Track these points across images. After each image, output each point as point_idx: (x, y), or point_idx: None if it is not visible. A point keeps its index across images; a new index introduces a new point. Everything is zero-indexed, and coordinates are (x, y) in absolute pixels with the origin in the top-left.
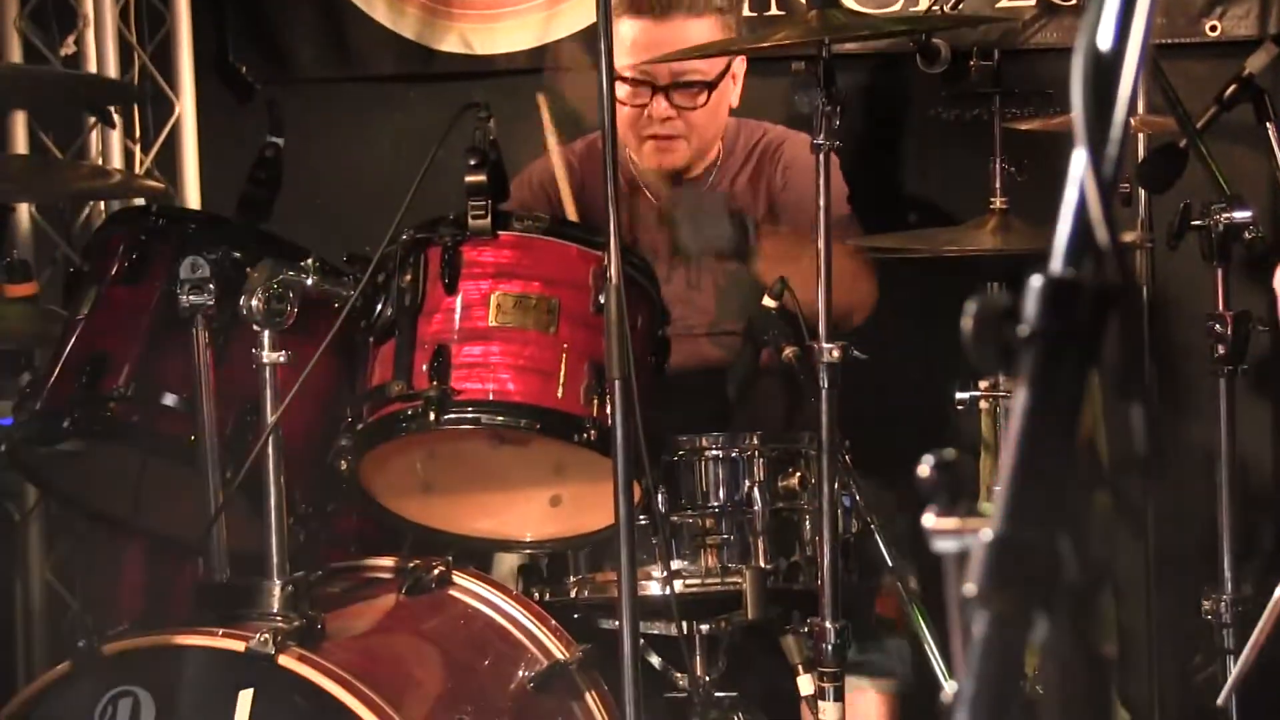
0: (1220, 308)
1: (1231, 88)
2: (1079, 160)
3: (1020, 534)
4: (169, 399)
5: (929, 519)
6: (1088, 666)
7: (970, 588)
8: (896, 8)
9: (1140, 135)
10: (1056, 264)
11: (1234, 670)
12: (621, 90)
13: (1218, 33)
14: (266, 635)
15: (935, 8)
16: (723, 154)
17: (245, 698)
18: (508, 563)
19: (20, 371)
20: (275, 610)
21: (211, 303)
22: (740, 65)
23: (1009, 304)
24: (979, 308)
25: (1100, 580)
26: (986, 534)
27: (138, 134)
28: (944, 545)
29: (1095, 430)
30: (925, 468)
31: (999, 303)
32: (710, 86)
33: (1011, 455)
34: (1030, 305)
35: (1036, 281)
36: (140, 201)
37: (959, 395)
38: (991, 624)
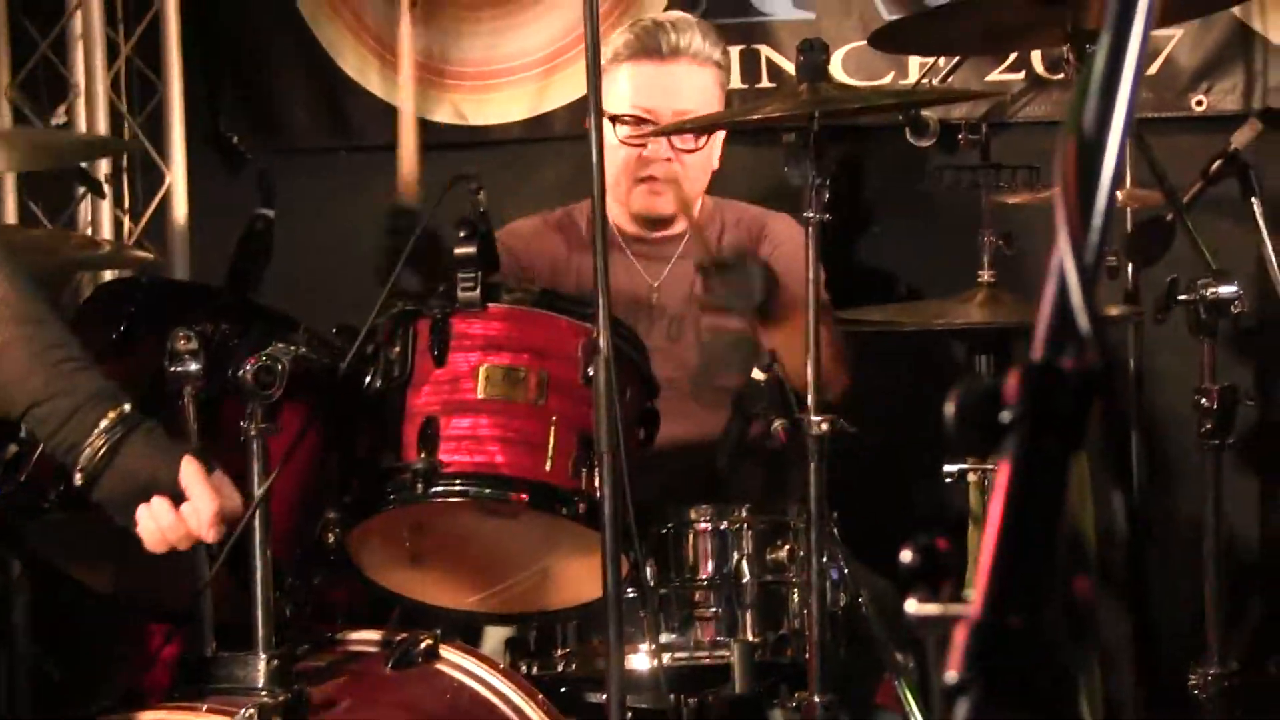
0: (1207, 382)
1: (1217, 163)
2: (1061, 246)
3: (1001, 620)
4: None
5: (911, 604)
6: None
7: (951, 674)
8: (886, 80)
9: (1127, 209)
10: (1039, 350)
11: None
12: (622, 130)
13: (1204, 107)
14: (252, 711)
15: (924, 81)
16: (702, 216)
17: None
18: (495, 635)
19: (6, 441)
20: (260, 685)
21: (200, 374)
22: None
23: (992, 389)
24: (962, 393)
25: (1083, 667)
26: (968, 620)
27: (127, 203)
28: (927, 631)
29: (1080, 514)
30: (908, 553)
31: (982, 388)
32: (708, 131)
33: (993, 541)
34: (1013, 391)
35: (1019, 368)
36: (130, 272)
37: (947, 468)
38: (973, 712)
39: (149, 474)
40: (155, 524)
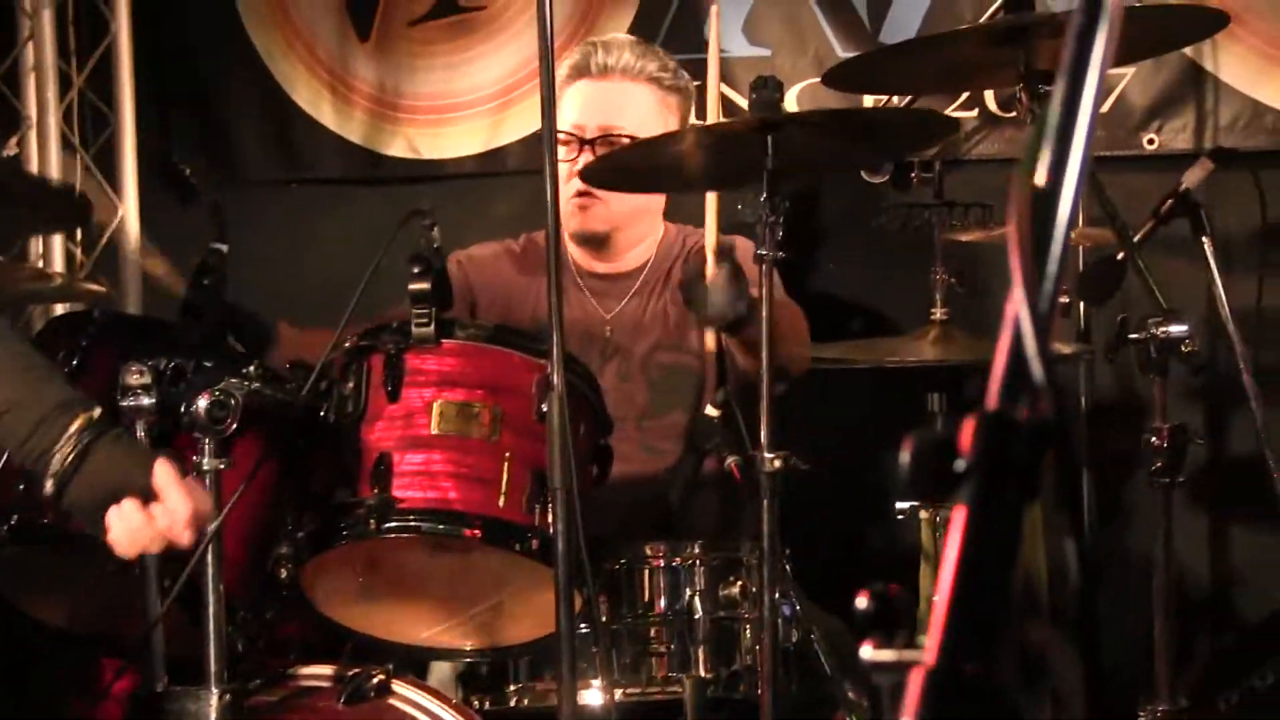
0: (1157, 420)
1: (1168, 202)
2: (1016, 297)
3: (956, 668)
4: None
5: (867, 650)
6: None
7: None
8: None
9: (1079, 247)
10: (993, 399)
11: None
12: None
13: (1155, 146)
14: None
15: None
16: (656, 257)
17: None
18: (448, 670)
19: None
20: (213, 719)
21: (153, 408)
22: None
23: (946, 438)
24: (916, 441)
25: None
26: (923, 667)
27: (79, 236)
28: (881, 678)
29: (1033, 553)
30: (863, 600)
31: (936, 437)
32: (635, 145)
33: (949, 589)
34: (967, 440)
35: (974, 417)
36: (81, 305)
37: (899, 505)
38: None
39: (120, 478)
40: (126, 526)
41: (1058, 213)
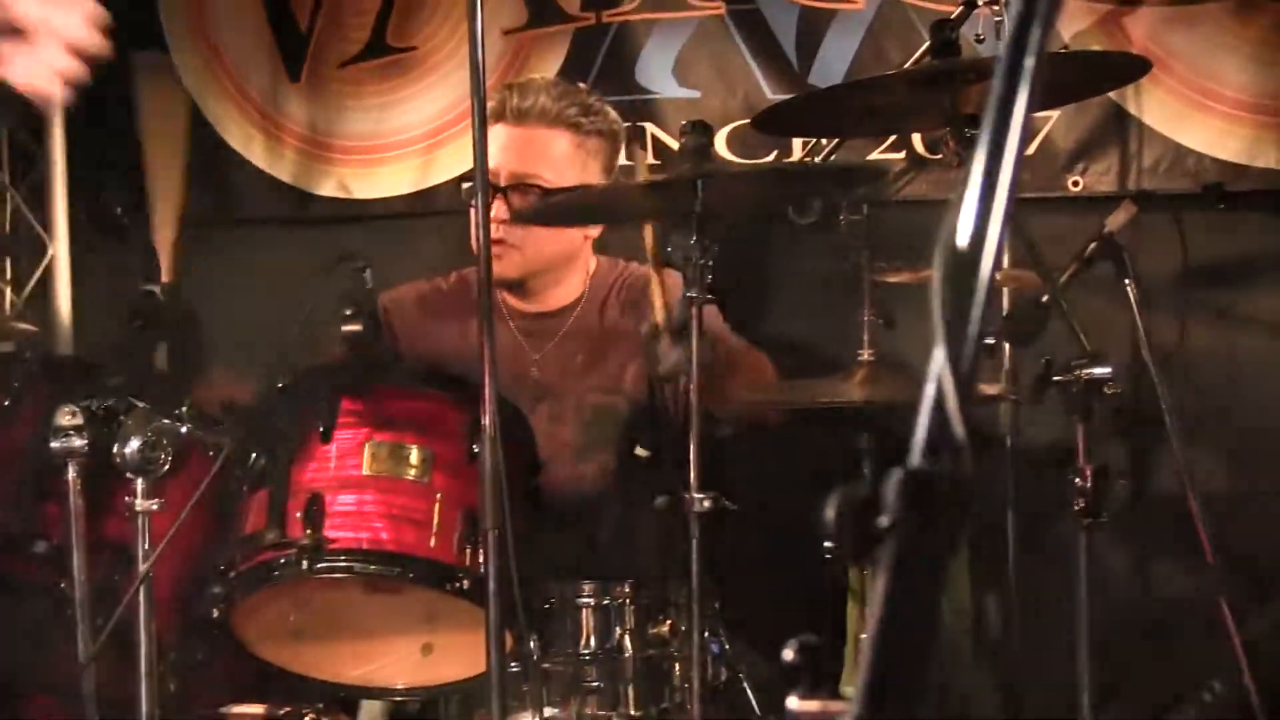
0: (1081, 460)
1: (1092, 245)
2: (938, 356)
3: (879, 718)
4: (39, 546)
5: (793, 701)
6: None
7: None
8: (769, 159)
9: (1004, 289)
10: (915, 457)
11: None
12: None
13: (1080, 188)
14: None
15: (807, 160)
16: (589, 293)
17: None
18: (379, 709)
19: None
20: None
21: (85, 449)
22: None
23: (870, 496)
24: (841, 499)
25: None
26: (846, 717)
27: (9, 274)
28: None
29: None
30: (789, 652)
31: (860, 495)
32: (547, 193)
33: (871, 641)
34: (889, 497)
35: (896, 475)
36: (11, 345)
37: (828, 544)
38: None
39: None
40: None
41: (979, 275)
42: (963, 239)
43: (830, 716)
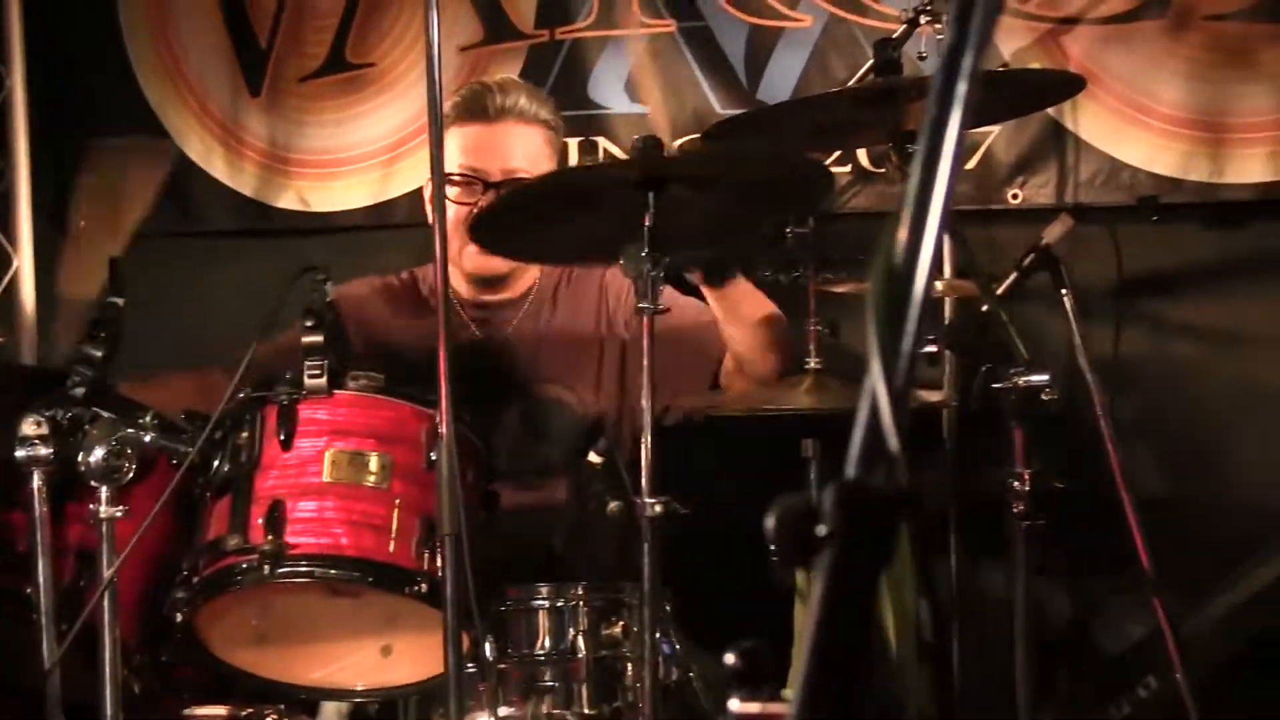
0: (1019, 465)
1: (1030, 256)
2: (873, 371)
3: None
4: (4, 553)
5: (734, 704)
6: None
7: None
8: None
9: (946, 299)
10: (852, 469)
11: None
12: (453, 190)
13: (1019, 200)
14: None
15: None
16: (540, 284)
17: None
18: (339, 709)
19: None
20: None
21: (50, 458)
22: None
23: (808, 506)
24: (781, 510)
25: None
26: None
27: None
28: None
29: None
30: (730, 656)
31: (799, 505)
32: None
33: (808, 646)
34: (827, 508)
35: (833, 487)
36: None
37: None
38: None
39: None
40: None
41: (912, 293)
42: (897, 256)
43: (771, 718)
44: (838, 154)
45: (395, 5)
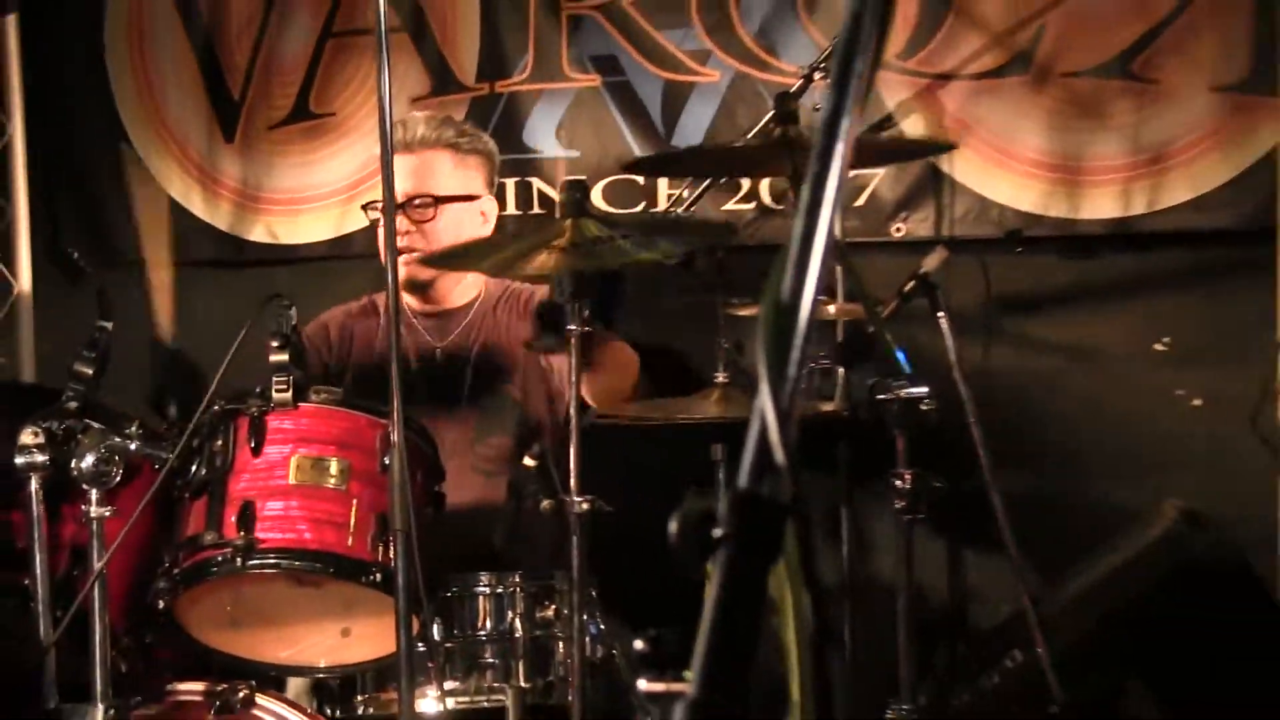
0: (902, 467)
1: (911, 283)
2: (762, 393)
3: (711, 698)
4: (5, 550)
5: (643, 683)
6: None
7: None
8: (639, 208)
9: (838, 320)
10: (744, 479)
11: None
12: (374, 214)
13: (901, 234)
14: None
15: (672, 210)
16: (484, 295)
17: None
18: (304, 684)
19: None
20: None
21: (46, 464)
22: (490, 205)
23: (706, 512)
24: (682, 515)
25: None
26: (685, 697)
27: None
28: (655, 705)
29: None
30: (639, 642)
31: (698, 511)
32: (438, 201)
33: (705, 633)
34: (722, 513)
35: (727, 495)
36: None
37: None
38: None
39: None
40: None
41: (797, 325)
42: (784, 293)
43: (674, 695)
44: (744, 191)
45: (353, 61)
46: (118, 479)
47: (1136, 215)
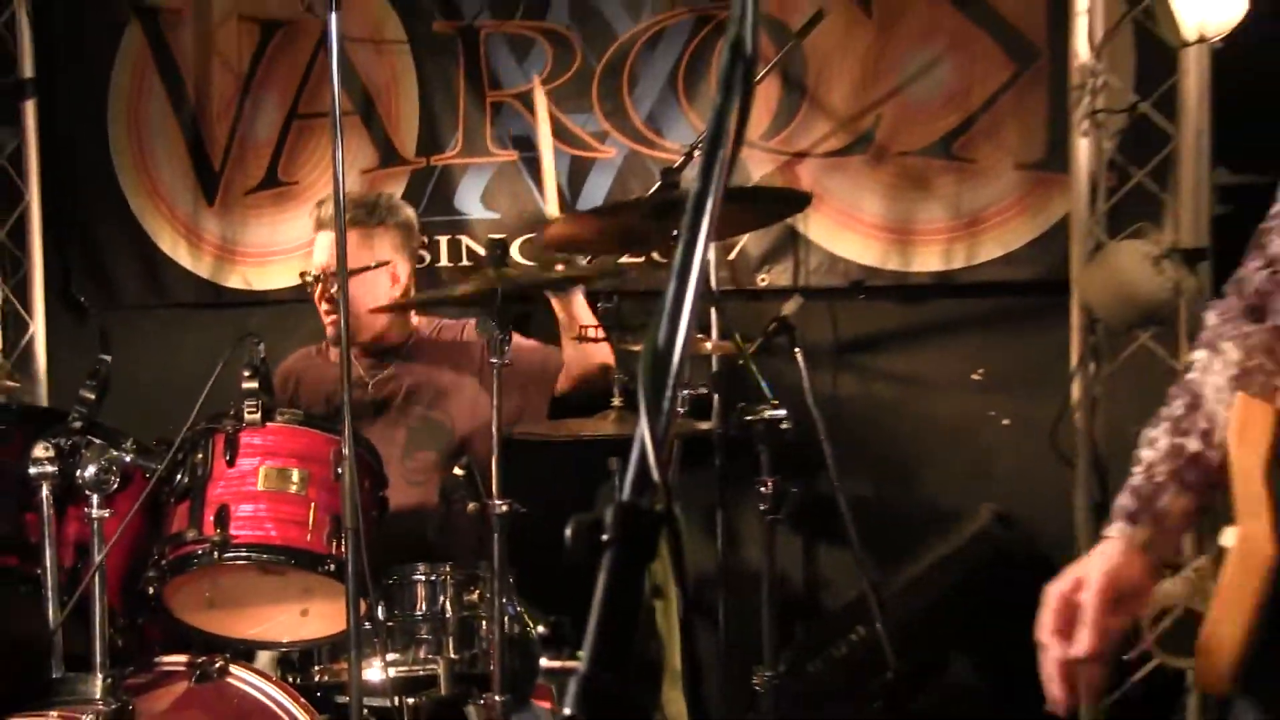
0: (766, 475)
1: (773, 324)
2: (641, 424)
3: (598, 673)
4: (20, 545)
5: (544, 660)
6: None
7: (568, 708)
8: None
9: (713, 355)
10: (626, 493)
11: None
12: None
13: (765, 283)
14: (89, 717)
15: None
16: (415, 334)
17: None
18: (265, 656)
19: None
20: (98, 696)
21: (55, 474)
22: (403, 267)
23: (595, 520)
24: (574, 524)
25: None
26: (578, 672)
27: (0, 346)
28: (554, 679)
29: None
30: (542, 627)
31: (589, 520)
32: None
33: (593, 622)
34: (608, 521)
35: (611, 507)
36: (2, 397)
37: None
38: None
39: None
40: None
41: (670, 368)
42: (659, 341)
43: (569, 671)
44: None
45: (314, 138)
46: (115, 486)
47: (957, 269)
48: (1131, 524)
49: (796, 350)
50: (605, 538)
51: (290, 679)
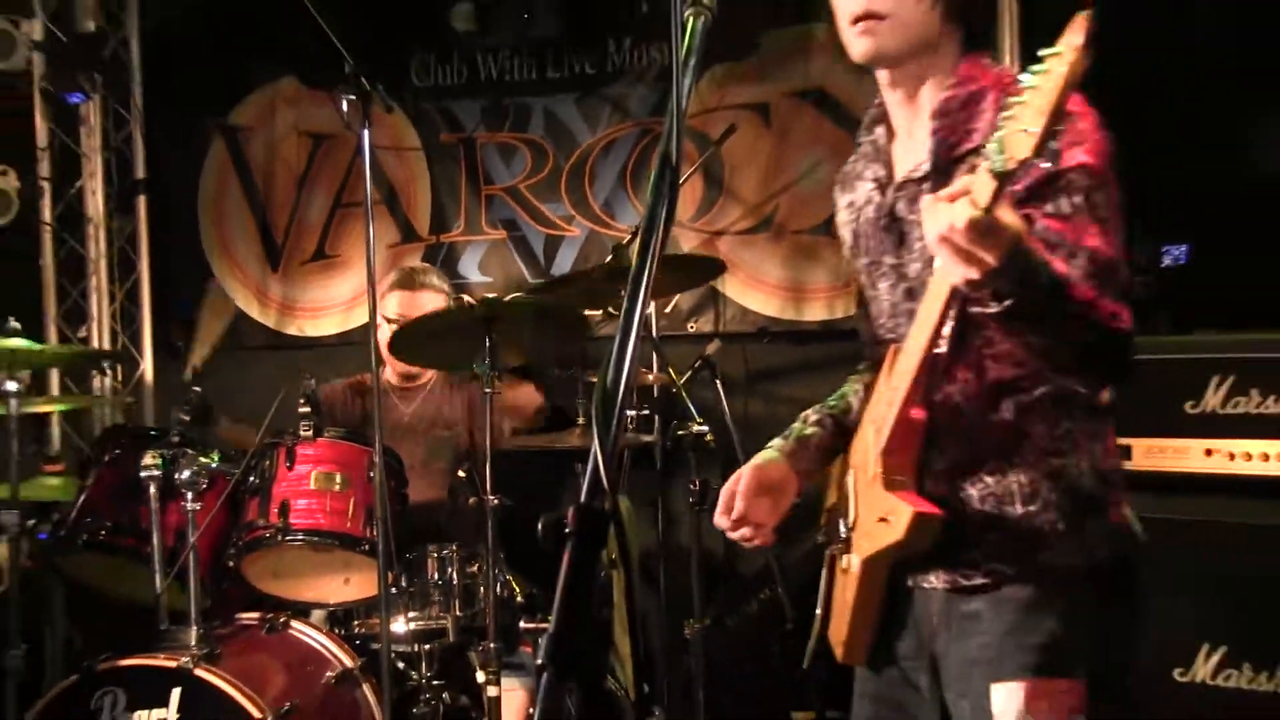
0: (694, 476)
1: (699, 361)
2: (595, 441)
3: (564, 632)
4: (135, 530)
5: (521, 623)
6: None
7: (540, 659)
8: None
9: (655, 385)
10: (583, 496)
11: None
12: (391, 327)
13: (694, 329)
14: (188, 658)
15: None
16: (435, 376)
17: (175, 693)
18: (322, 614)
19: (51, 514)
20: (193, 644)
21: (160, 477)
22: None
23: (561, 517)
24: (545, 520)
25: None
26: (549, 631)
27: (119, 380)
28: (531, 637)
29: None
30: (520, 598)
31: (556, 517)
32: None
33: (560, 592)
34: (571, 518)
35: (573, 507)
36: (121, 416)
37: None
38: (548, 682)
39: None
40: None
41: (617, 401)
42: (608, 380)
43: (540, 631)
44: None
45: (353, 221)
46: (205, 486)
47: (839, 318)
48: (783, 441)
49: (717, 381)
50: (567, 530)
51: (337, 630)
